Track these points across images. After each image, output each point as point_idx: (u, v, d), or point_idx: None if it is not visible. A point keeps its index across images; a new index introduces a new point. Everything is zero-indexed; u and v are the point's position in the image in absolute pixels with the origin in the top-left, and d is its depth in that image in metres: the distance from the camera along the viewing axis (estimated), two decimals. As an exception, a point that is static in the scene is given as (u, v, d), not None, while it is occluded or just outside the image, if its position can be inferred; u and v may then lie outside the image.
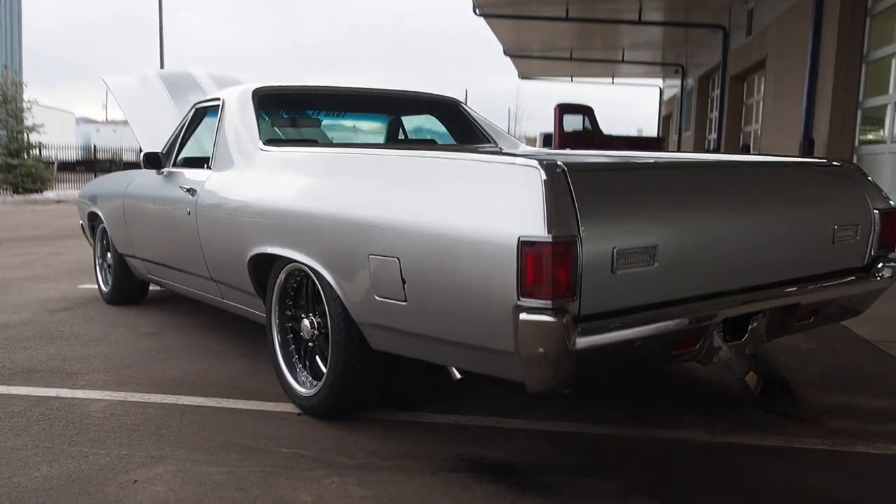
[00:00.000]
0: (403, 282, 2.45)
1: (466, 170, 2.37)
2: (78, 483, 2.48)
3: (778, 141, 12.66)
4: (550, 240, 2.00)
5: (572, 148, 19.24)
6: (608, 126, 20.97)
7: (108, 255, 5.39)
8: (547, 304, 2.02)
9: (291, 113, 4.30)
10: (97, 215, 5.36)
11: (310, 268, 2.94)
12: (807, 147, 10.39)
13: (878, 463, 2.75)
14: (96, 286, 5.62)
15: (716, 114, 18.40)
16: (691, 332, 2.37)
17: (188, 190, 3.84)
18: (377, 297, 2.60)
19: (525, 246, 2.03)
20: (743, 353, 2.73)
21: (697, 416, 3.16)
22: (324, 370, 3.05)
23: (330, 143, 4.16)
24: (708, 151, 17.54)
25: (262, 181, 3.38)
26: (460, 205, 2.31)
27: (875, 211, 3.02)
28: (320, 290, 2.94)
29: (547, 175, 2.09)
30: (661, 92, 30.00)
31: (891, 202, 3.09)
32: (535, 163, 2.13)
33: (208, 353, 4.07)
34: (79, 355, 4.02)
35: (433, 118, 4.77)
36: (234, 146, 3.72)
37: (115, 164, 32.69)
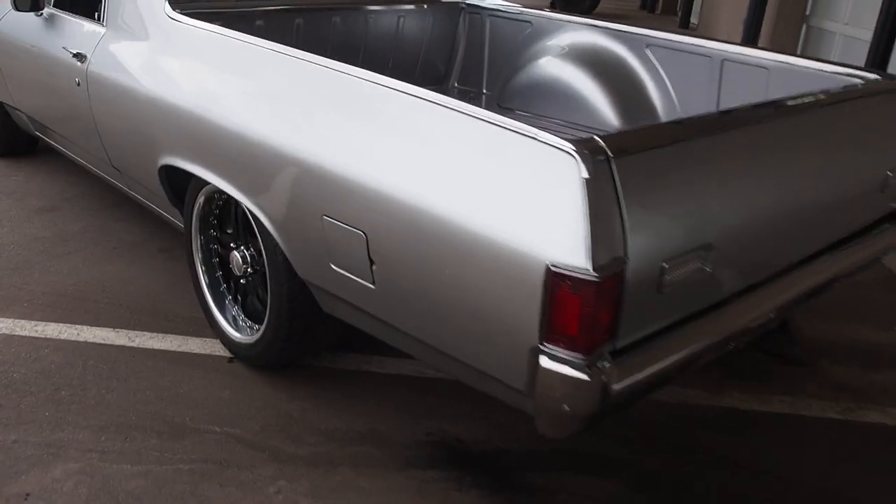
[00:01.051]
0: (371, 262, 1.85)
1: (473, 133, 1.67)
2: (-51, 501, 1.96)
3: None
4: (596, 277, 1.41)
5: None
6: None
7: (-16, 96, 4.43)
8: (580, 357, 1.48)
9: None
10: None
11: (240, 200, 2.28)
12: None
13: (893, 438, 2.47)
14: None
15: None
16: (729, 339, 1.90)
17: (76, 55, 2.97)
18: (333, 267, 2.00)
19: (556, 278, 1.45)
20: (769, 331, 2.30)
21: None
22: (260, 308, 2.50)
23: None
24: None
25: (171, 66, 2.56)
26: (460, 185, 1.65)
27: None
28: (254, 227, 2.31)
29: (589, 171, 1.45)
30: None
31: None
32: (571, 147, 1.48)
33: (116, 247, 3.41)
34: (-47, 247, 3.31)
35: None
36: (132, 3, 2.83)
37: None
